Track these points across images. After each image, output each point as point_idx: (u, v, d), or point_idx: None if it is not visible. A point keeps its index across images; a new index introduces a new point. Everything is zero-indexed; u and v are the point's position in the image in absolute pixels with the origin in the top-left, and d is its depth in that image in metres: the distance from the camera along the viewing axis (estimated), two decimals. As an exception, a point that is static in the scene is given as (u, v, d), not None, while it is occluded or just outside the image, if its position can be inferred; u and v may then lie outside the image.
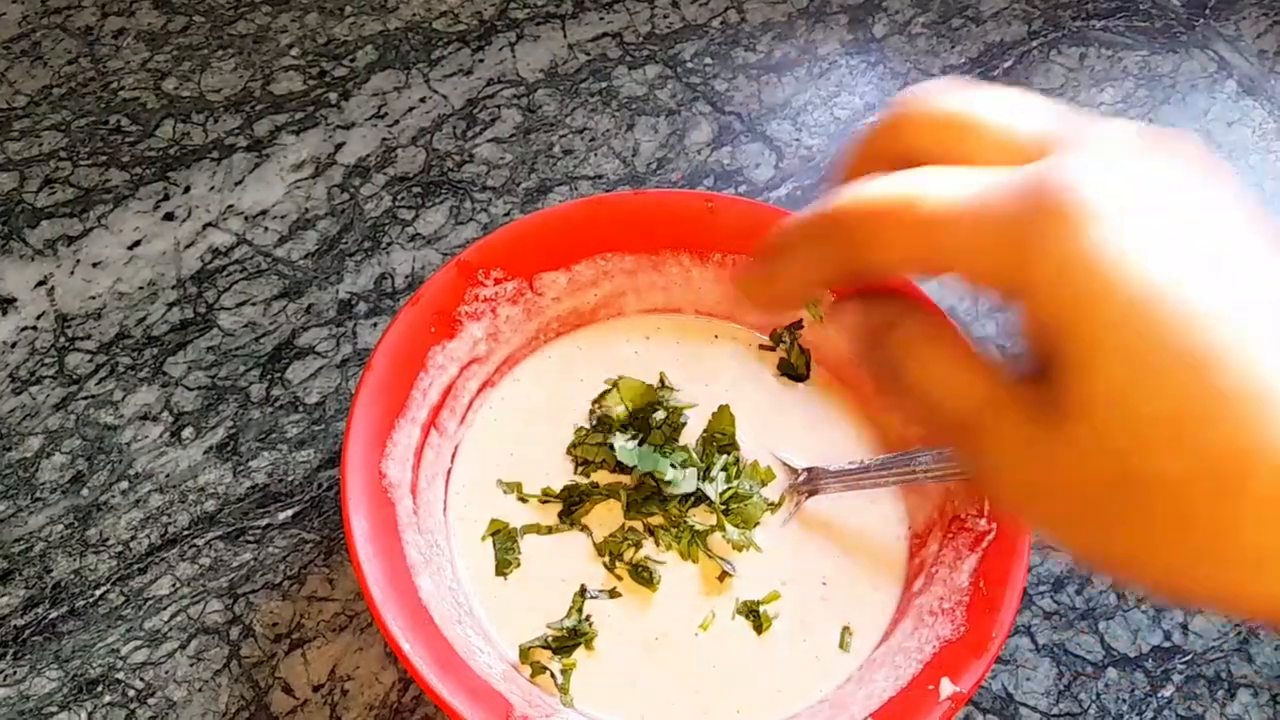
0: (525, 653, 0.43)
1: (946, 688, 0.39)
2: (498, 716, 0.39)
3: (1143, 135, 0.26)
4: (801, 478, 0.47)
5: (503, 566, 0.45)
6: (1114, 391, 0.24)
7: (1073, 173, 0.25)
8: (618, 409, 0.48)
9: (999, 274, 0.25)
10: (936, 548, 0.45)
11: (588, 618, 0.44)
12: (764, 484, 0.47)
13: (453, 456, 0.48)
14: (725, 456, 0.47)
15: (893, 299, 0.30)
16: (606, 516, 0.47)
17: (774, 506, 0.47)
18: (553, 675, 0.43)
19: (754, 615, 0.44)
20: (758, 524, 0.46)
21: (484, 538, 0.46)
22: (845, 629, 0.44)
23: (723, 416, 0.48)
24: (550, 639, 0.44)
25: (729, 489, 0.46)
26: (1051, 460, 0.25)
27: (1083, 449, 0.24)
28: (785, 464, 0.48)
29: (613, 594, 0.45)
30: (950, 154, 0.28)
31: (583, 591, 0.45)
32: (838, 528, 0.47)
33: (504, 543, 0.46)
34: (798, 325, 0.51)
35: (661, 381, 0.50)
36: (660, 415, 0.48)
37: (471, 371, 0.48)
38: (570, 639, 0.44)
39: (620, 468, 0.47)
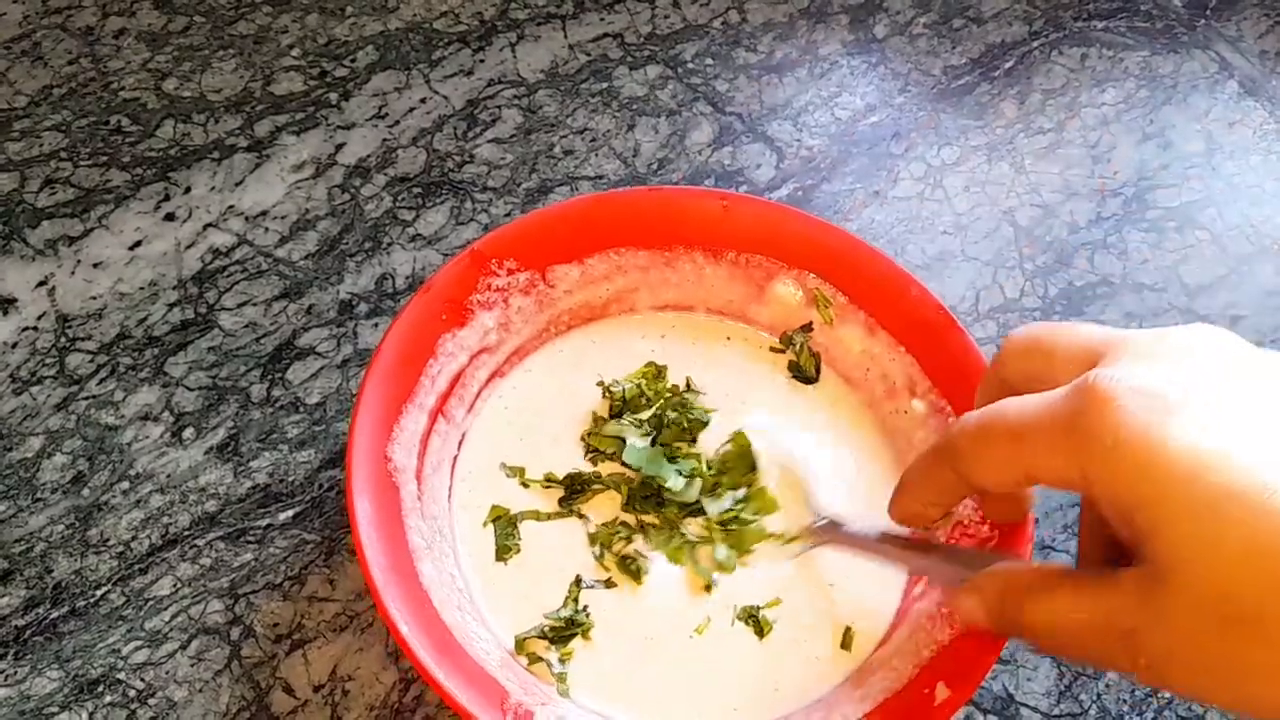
0: (521, 643, 0.43)
1: (942, 693, 0.39)
2: (493, 703, 0.39)
3: (1165, 337, 0.32)
4: (822, 523, 0.45)
5: (502, 553, 0.45)
6: (1194, 540, 0.28)
7: (1112, 372, 0.30)
8: (625, 386, 0.48)
9: (1068, 466, 0.30)
10: None
11: (584, 609, 0.44)
12: (768, 514, 0.46)
13: (459, 444, 0.48)
14: (738, 476, 0.47)
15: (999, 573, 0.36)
16: (606, 507, 0.47)
17: (778, 538, 0.46)
18: (549, 665, 0.43)
19: (754, 620, 0.44)
20: (749, 551, 0.46)
21: (485, 524, 0.46)
22: (848, 630, 0.44)
23: (741, 442, 0.47)
24: (547, 629, 0.44)
25: (731, 511, 0.46)
26: (1166, 623, 0.29)
27: (1184, 601, 0.28)
28: (811, 503, 0.46)
29: (608, 584, 0.45)
30: (1033, 378, 0.34)
31: (578, 581, 0.45)
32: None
33: (504, 529, 0.46)
34: (808, 328, 0.51)
35: (688, 385, 0.50)
36: (674, 415, 0.48)
37: (481, 360, 0.48)
38: (567, 629, 0.43)
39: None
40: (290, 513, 0.49)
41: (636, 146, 0.62)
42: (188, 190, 0.58)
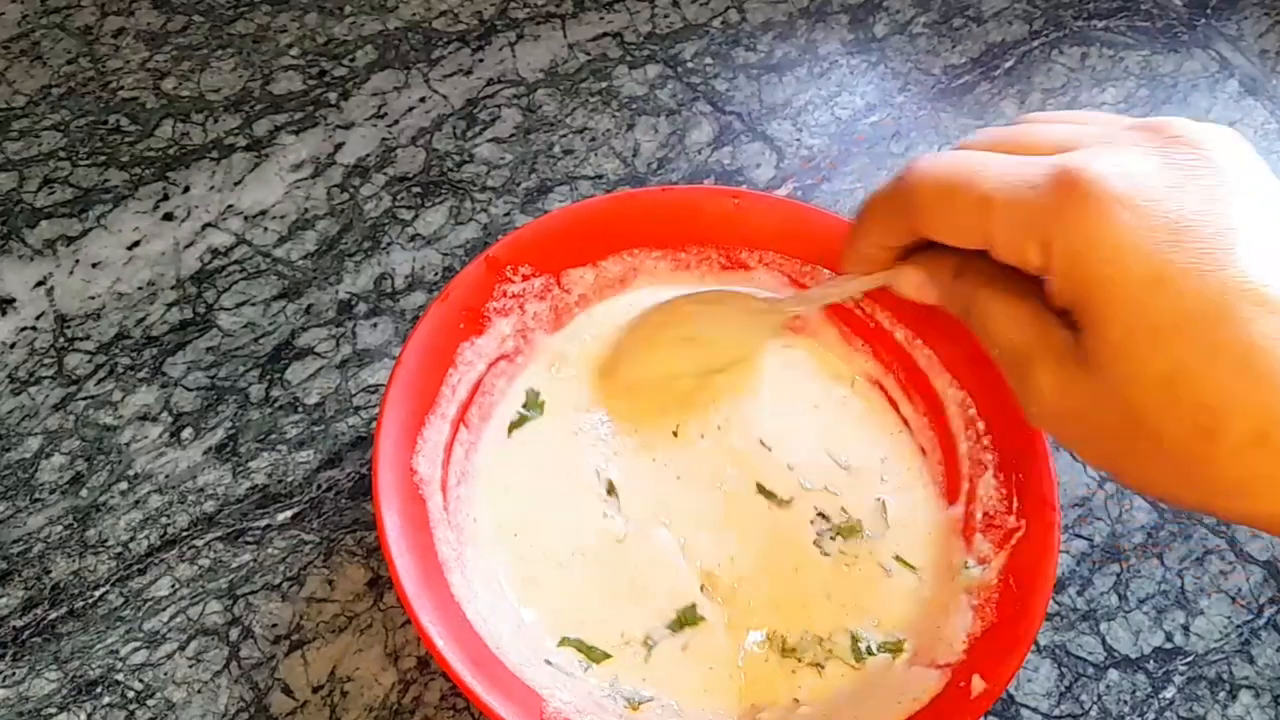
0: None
1: (978, 685, 0.39)
2: (531, 713, 0.39)
3: (1149, 133, 0.31)
4: (780, 298, 0.47)
5: (521, 420, 0.48)
6: (1124, 355, 0.29)
7: (1093, 165, 0.29)
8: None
9: (1033, 252, 0.30)
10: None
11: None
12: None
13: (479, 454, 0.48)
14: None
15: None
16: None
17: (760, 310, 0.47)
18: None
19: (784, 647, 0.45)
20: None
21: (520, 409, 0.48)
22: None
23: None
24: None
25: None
26: (1075, 399, 0.30)
27: (1099, 397, 0.30)
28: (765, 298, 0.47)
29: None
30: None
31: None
32: (872, 522, 0.47)
33: (532, 398, 0.49)
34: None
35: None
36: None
37: (500, 368, 0.48)
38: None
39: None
40: (289, 513, 0.49)
41: (636, 146, 0.62)
42: (186, 190, 0.58)
